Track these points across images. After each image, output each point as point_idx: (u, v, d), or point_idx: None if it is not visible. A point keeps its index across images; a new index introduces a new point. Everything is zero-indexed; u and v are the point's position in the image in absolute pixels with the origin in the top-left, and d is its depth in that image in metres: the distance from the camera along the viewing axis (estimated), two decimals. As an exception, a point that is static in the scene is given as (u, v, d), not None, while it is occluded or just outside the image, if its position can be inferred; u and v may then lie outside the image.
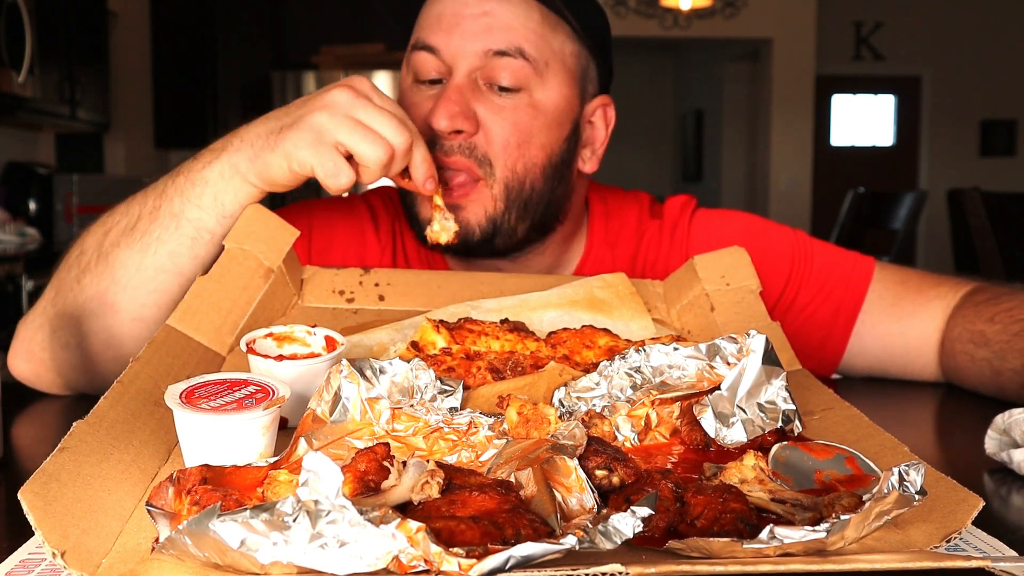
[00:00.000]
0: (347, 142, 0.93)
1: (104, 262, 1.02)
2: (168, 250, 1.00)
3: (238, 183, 0.99)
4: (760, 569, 0.49)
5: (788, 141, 7.92)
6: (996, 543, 0.60)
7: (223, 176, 0.99)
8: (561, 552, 0.47)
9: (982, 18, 8.85)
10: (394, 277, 1.07)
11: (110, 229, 1.04)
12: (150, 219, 1.02)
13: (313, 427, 0.67)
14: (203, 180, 1.00)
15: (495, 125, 1.10)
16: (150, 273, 1.01)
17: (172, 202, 1.01)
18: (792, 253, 1.23)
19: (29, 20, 4.00)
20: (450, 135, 1.08)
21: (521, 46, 1.10)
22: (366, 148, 0.94)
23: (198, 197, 1.00)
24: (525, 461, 0.59)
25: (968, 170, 8.93)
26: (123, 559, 0.54)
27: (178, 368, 0.83)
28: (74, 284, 1.04)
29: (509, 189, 1.11)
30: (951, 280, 1.20)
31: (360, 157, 0.94)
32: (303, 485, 0.47)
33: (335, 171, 0.94)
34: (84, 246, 1.06)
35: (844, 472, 0.63)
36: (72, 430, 0.64)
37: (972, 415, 1.06)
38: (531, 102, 1.11)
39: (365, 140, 0.94)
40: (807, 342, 1.19)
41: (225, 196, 0.99)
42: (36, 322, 1.07)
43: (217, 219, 1.00)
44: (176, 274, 1.01)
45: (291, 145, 0.95)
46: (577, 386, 0.75)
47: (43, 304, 1.08)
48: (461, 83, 1.10)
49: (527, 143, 1.11)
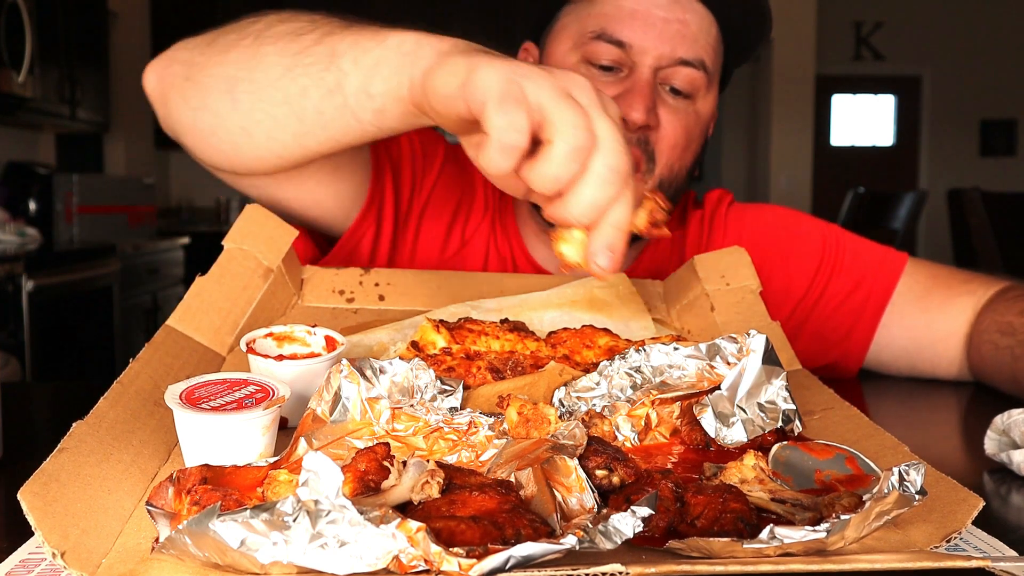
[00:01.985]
0: (549, 104, 0.63)
1: (255, 51, 0.91)
2: (304, 84, 0.86)
3: (408, 63, 0.76)
4: (760, 569, 0.49)
5: (788, 141, 7.92)
6: (996, 543, 0.59)
7: (401, 47, 0.78)
8: (561, 552, 0.47)
9: (982, 18, 8.85)
10: (394, 277, 1.07)
11: (288, 21, 0.92)
12: (316, 40, 0.87)
13: (313, 427, 0.66)
14: (382, 39, 0.80)
15: (670, 125, 1.14)
16: (278, 95, 0.88)
17: (344, 39, 0.84)
18: (823, 243, 1.26)
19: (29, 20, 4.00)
20: (636, 128, 1.12)
21: (704, 58, 1.15)
22: (567, 121, 0.63)
23: (365, 51, 0.81)
24: (525, 461, 0.59)
25: (968, 170, 8.93)
26: (123, 559, 0.54)
27: (178, 368, 0.83)
28: (224, 49, 0.95)
29: (661, 185, 1.16)
30: (984, 277, 1.21)
31: (552, 127, 0.63)
32: (303, 485, 0.47)
33: (511, 119, 0.62)
34: (261, 19, 0.95)
35: (844, 472, 0.63)
36: (72, 430, 0.64)
37: (973, 415, 1.06)
38: (695, 109, 1.17)
39: (572, 112, 0.63)
40: (835, 331, 1.22)
41: (385, 69, 0.79)
42: (184, 53, 0.99)
43: (359, 88, 0.81)
44: (296, 116, 0.88)
45: (485, 64, 0.66)
46: (577, 386, 0.75)
47: (199, 41, 0.99)
48: (649, 79, 1.13)
49: (688, 147, 1.18)
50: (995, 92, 9.00)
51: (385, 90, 0.79)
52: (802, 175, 8.01)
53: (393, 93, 0.79)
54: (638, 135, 1.13)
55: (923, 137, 9.32)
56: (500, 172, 0.64)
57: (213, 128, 0.95)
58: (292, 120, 0.89)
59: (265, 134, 0.92)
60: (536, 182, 0.64)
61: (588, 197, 0.63)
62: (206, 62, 0.95)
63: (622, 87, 1.13)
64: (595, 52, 1.14)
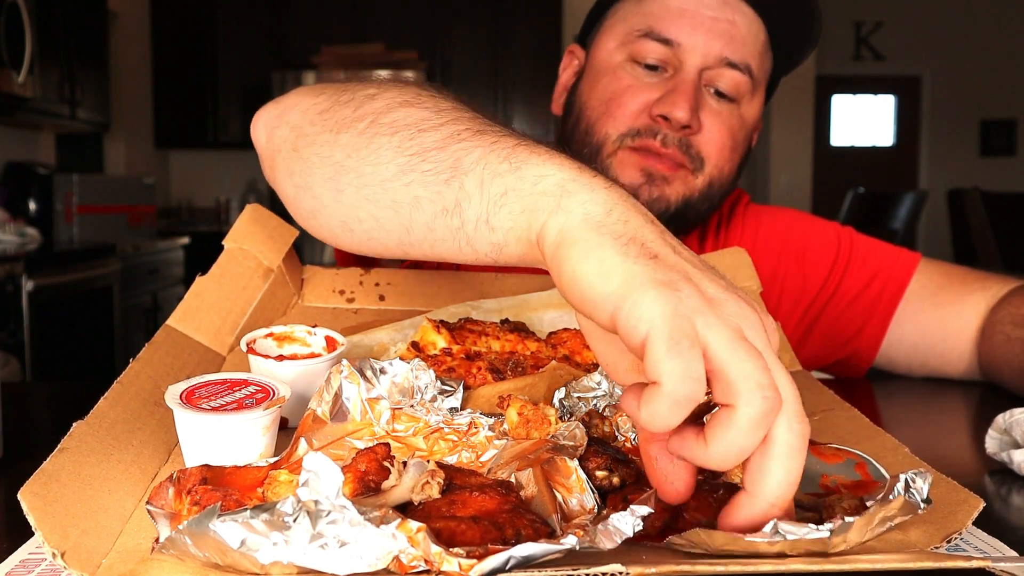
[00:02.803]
0: (723, 350, 0.50)
1: (368, 140, 0.75)
2: (417, 194, 0.68)
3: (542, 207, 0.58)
4: (760, 569, 0.49)
5: (788, 141, 7.92)
6: (997, 543, 0.59)
7: (539, 184, 0.59)
8: (561, 552, 0.47)
9: (982, 18, 8.85)
10: (394, 277, 1.07)
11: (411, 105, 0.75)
12: (439, 144, 0.67)
13: (313, 427, 0.66)
14: (518, 165, 0.61)
15: (714, 128, 1.15)
16: (386, 199, 0.72)
17: (472, 152, 0.65)
18: (838, 241, 1.27)
19: (29, 20, 4.00)
20: (679, 128, 1.12)
21: (750, 63, 1.16)
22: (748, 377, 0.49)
23: (492, 176, 0.62)
24: (525, 461, 0.59)
25: (968, 170, 8.93)
26: (123, 559, 0.54)
27: (178, 368, 0.83)
28: (336, 127, 0.79)
29: (711, 185, 1.17)
30: (998, 276, 1.21)
31: (731, 387, 0.50)
32: (303, 485, 0.47)
33: (686, 366, 0.48)
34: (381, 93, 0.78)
35: (852, 478, 0.63)
36: (72, 431, 0.64)
37: (973, 415, 1.06)
38: (740, 113, 1.18)
39: (755, 365, 0.50)
40: (847, 328, 1.23)
41: (513, 203, 0.60)
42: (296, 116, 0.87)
43: (479, 216, 0.63)
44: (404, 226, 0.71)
45: (650, 291, 0.50)
46: (578, 386, 0.75)
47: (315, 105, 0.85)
48: (695, 80, 1.14)
49: (735, 150, 1.19)
50: (995, 92, 9.00)
51: (512, 227, 0.61)
52: (802, 175, 8.01)
53: (519, 233, 0.60)
54: (680, 137, 1.13)
55: (923, 137, 9.32)
56: (665, 429, 0.50)
57: (314, 212, 0.83)
58: (398, 228, 0.73)
59: (367, 234, 0.78)
60: (716, 452, 0.51)
61: (777, 474, 0.51)
62: (315, 136, 0.82)
63: (666, 87, 1.14)
64: (642, 50, 1.15)
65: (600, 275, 0.52)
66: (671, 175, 1.15)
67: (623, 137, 1.16)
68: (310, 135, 0.83)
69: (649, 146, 1.13)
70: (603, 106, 1.18)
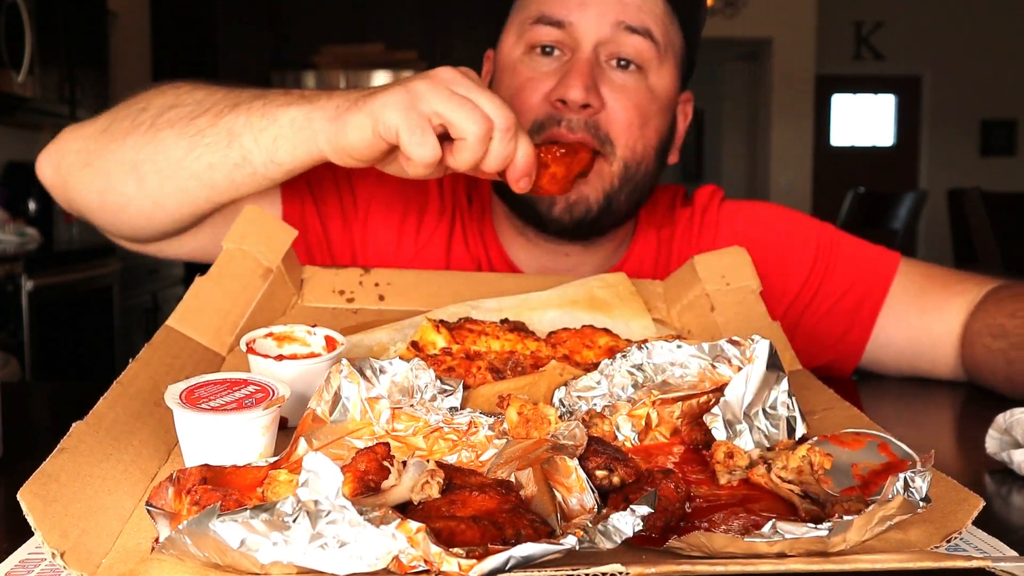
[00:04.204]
0: (443, 110, 0.85)
1: (152, 136, 1.01)
2: (209, 161, 0.99)
3: (305, 137, 0.94)
4: (760, 569, 0.49)
5: (788, 141, 7.92)
6: (997, 543, 0.59)
7: (293, 124, 0.95)
8: (561, 552, 0.47)
9: (982, 18, 8.85)
10: (394, 277, 1.07)
11: (177, 106, 1.03)
12: (210, 123, 0.99)
13: (313, 427, 0.66)
14: (273, 118, 0.96)
15: (618, 104, 1.11)
16: (185, 172, 1.00)
17: (237, 120, 0.98)
18: (817, 243, 1.24)
19: (29, 20, 3.99)
20: (579, 109, 1.09)
21: (650, 27, 1.12)
22: (463, 118, 0.85)
23: (261, 130, 0.96)
24: (525, 461, 0.59)
25: (968, 170, 8.93)
26: (123, 559, 0.54)
27: (177, 368, 0.82)
28: (120, 136, 1.03)
29: (628, 168, 1.13)
30: (977, 277, 1.21)
31: (457, 128, 0.86)
32: (303, 485, 0.47)
33: (421, 139, 0.85)
34: (150, 105, 1.05)
35: (879, 461, 0.63)
36: (71, 431, 0.64)
37: (973, 415, 1.06)
38: (648, 85, 1.14)
39: (463, 109, 0.85)
40: (830, 333, 1.21)
41: (284, 143, 0.95)
42: (78, 143, 1.08)
43: (265, 160, 0.97)
44: (208, 186, 1.01)
45: (380, 105, 0.87)
46: (578, 385, 0.75)
47: (92, 130, 1.08)
48: (590, 58, 1.11)
49: (646, 124, 1.14)
50: (995, 92, 9.00)
51: (291, 158, 0.96)
52: (802, 175, 8.01)
53: (301, 158, 0.96)
54: (583, 117, 1.09)
55: (923, 137, 9.32)
56: (426, 176, 0.90)
57: (123, 205, 1.06)
58: (204, 189, 1.01)
59: (176, 204, 1.04)
60: (460, 167, 0.88)
61: (498, 158, 0.88)
62: (103, 149, 1.05)
63: (563, 71, 1.11)
64: (536, 36, 1.13)
65: (359, 127, 0.88)
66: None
67: (531, 134, 1.10)
68: (97, 150, 1.04)
69: (556, 136, 1.08)
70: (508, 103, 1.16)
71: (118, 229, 1.12)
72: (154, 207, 1.04)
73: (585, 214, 1.13)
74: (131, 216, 1.07)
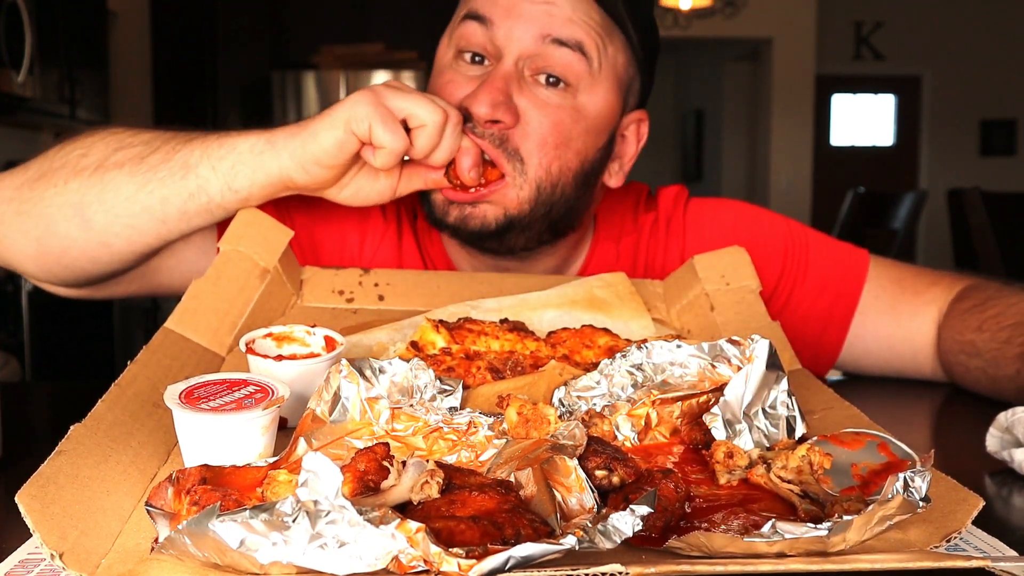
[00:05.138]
0: (405, 104, 0.95)
1: (100, 177, 1.01)
2: (162, 195, 0.99)
3: (266, 159, 0.97)
4: (760, 569, 0.49)
5: (788, 141, 7.92)
6: (996, 543, 0.59)
7: (253, 149, 0.98)
8: (561, 552, 0.47)
9: (982, 18, 8.85)
10: (394, 277, 1.07)
11: (122, 148, 1.03)
12: (164, 159, 1.00)
13: (313, 427, 0.66)
14: (232, 147, 0.99)
15: (535, 120, 1.05)
16: (136, 208, 1.00)
17: (192, 153, 1.00)
18: (786, 244, 1.21)
19: (29, 20, 4.00)
20: (486, 123, 1.04)
21: (581, 40, 1.05)
22: (424, 107, 0.96)
23: (219, 159, 0.99)
24: (525, 461, 0.59)
25: (968, 170, 8.93)
26: (122, 559, 0.54)
27: (176, 369, 0.82)
28: (61, 181, 1.02)
29: (540, 190, 1.07)
30: (944, 279, 1.19)
31: (418, 117, 0.96)
32: (303, 485, 0.47)
33: (393, 128, 0.94)
34: (90, 150, 1.04)
35: (879, 460, 0.63)
36: (69, 433, 0.64)
37: (973, 415, 1.06)
38: (575, 104, 1.07)
39: (423, 99, 0.96)
40: (802, 337, 1.17)
41: (243, 168, 0.98)
42: (7, 192, 1.06)
43: (222, 188, 0.99)
44: (159, 220, 1.01)
45: (348, 105, 0.95)
46: (577, 385, 0.75)
47: (21, 178, 1.06)
48: (508, 71, 1.05)
49: (564, 145, 1.07)
50: (995, 92, 9.00)
51: (250, 183, 0.98)
52: (802, 175, 8.01)
53: (259, 184, 0.98)
54: (493, 132, 1.04)
55: (923, 137, 9.32)
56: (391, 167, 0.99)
57: (65, 249, 1.04)
58: (155, 225, 1.01)
59: (125, 241, 1.03)
60: (419, 153, 0.98)
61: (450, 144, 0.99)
62: (40, 196, 1.03)
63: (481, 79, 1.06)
64: (463, 35, 1.08)
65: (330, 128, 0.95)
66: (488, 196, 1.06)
67: None
68: (33, 197, 1.03)
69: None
70: None
71: (55, 275, 1.08)
72: (100, 247, 1.03)
73: (481, 228, 1.07)
74: (73, 259, 1.05)
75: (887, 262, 1.23)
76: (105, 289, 1.14)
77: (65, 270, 1.07)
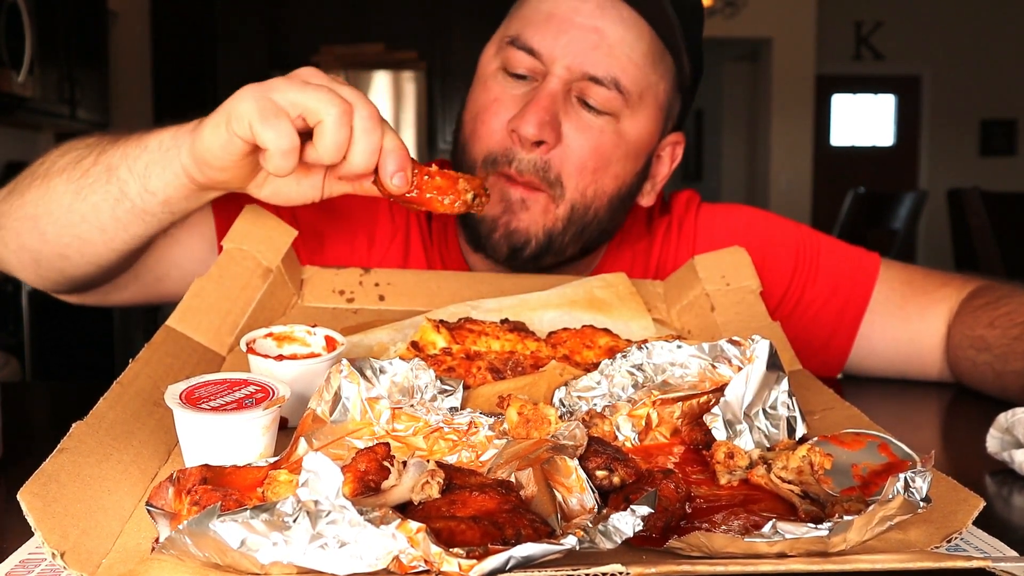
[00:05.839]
0: (297, 97, 0.80)
1: (46, 185, 0.99)
2: (94, 201, 0.95)
3: (171, 157, 0.89)
4: (760, 569, 0.49)
5: (788, 141, 7.92)
6: (997, 543, 0.59)
7: (160, 147, 0.91)
8: (561, 552, 0.47)
9: (982, 18, 8.85)
10: (394, 277, 1.07)
11: (68, 152, 1.01)
12: (94, 163, 0.96)
13: (313, 427, 0.66)
14: (144, 146, 0.93)
15: (576, 143, 1.06)
16: (75, 217, 0.97)
17: (114, 156, 0.95)
18: (797, 249, 1.22)
19: (29, 20, 3.99)
20: (531, 146, 1.05)
21: (617, 78, 1.06)
22: (318, 100, 0.79)
23: (134, 160, 0.93)
24: (525, 461, 0.59)
25: (968, 170, 8.93)
26: (123, 559, 0.54)
27: (177, 368, 0.82)
28: (21, 193, 1.02)
29: (574, 211, 1.09)
30: (955, 280, 1.20)
31: (313, 112, 0.79)
32: (303, 485, 0.47)
33: (275, 125, 0.78)
34: (48, 158, 1.04)
35: (879, 461, 0.63)
36: (71, 431, 0.64)
37: (974, 415, 1.06)
38: (617, 129, 1.08)
39: (318, 92, 0.80)
40: (812, 340, 1.19)
41: (155, 168, 0.91)
42: None
43: (140, 190, 0.93)
44: (98, 229, 0.97)
45: (233, 100, 0.81)
46: (578, 385, 0.75)
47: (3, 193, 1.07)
48: (555, 91, 1.06)
49: (603, 169, 1.09)
50: (995, 92, 9.00)
51: (163, 184, 0.91)
52: (802, 175, 8.01)
53: (171, 183, 0.91)
54: (535, 157, 1.05)
55: (923, 137, 9.33)
56: (288, 172, 0.81)
57: (35, 261, 1.05)
58: (96, 233, 0.98)
59: (78, 252, 1.01)
60: (324, 156, 0.81)
61: (364, 145, 0.81)
62: (9, 209, 1.04)
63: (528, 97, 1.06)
64: (509, 59, 1.09)
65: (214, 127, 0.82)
66: (529, 197, 1.08)
67: (485, 164, 1.09)
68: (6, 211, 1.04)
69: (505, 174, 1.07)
70: (472, 123, 1.12)
71: (43, 283, 1.09)
72: (60, 258, 1.02)
73: (523, 245, 1.09)
74: (46, 271, 1.05)
75: (898, 265, 1.24)
76: (104, 296, 1.14)
77: (44, 280, 1.08)
